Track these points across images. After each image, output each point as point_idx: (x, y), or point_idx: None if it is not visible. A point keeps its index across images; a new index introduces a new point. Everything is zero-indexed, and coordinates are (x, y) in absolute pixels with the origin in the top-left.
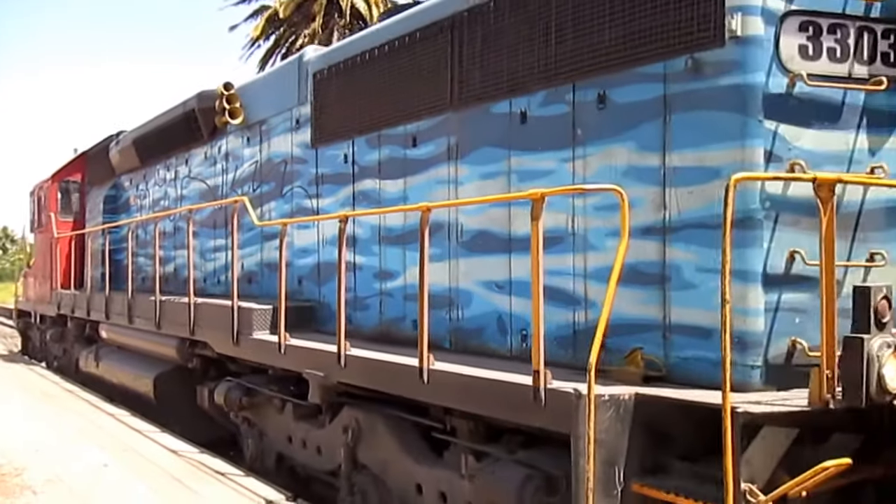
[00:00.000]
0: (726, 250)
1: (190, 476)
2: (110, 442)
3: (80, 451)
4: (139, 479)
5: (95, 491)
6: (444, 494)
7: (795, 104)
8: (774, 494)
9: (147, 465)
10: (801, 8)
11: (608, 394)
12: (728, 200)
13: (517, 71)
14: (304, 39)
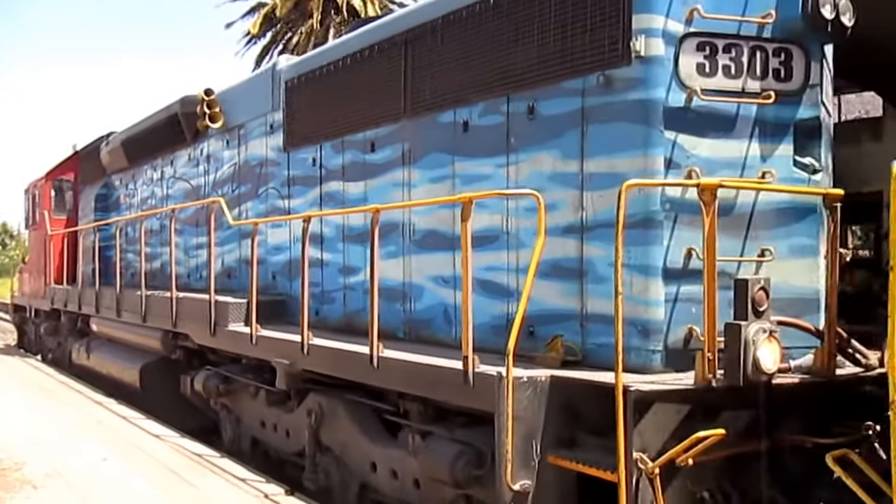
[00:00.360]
0: (618, 248)
1: (188, 469)
2: (109, 436)
3: (80, 445)
4: (138, 472)
5: (95, 485)
6: (395, 472)
7: (693, 116)
8: (660, 461)
9: (146, 458)
10: (699, 30)
11: (526, 376)
12: (620, 204)
13: (460, 84)
14: (300, 36)
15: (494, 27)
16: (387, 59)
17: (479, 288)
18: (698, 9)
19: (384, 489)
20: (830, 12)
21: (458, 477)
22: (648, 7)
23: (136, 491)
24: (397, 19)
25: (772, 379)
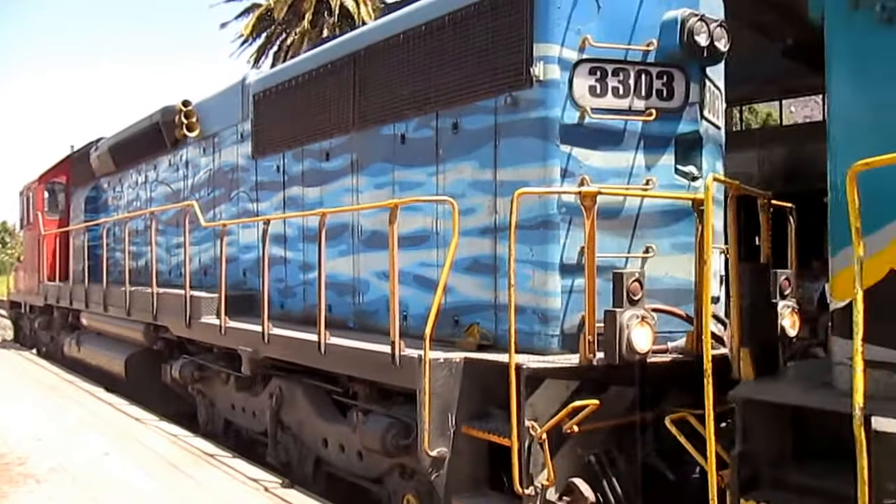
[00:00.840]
0: (511, 247)
1: (187, 462)
2: (110, 430)
3: (82, 439)
4: (139, 466)
5: (97, 478)
6: (342, 446)
7: (585, 132)
8: (545, 427)
9: (146, 452)
10: (590, 57)
11: (443, 357)
12: (513, 210)
13: (398, 101)
14: (294, 37)
15: (424, 51)
16: (339, 77)
17: (414, 282)
18: (589, 38)
19: (335, 462)
20: (705, 40)
21: (389, 447)
22: (546, 37)
23: (137, 484)
24: (347, 41)
25: (646, 358)
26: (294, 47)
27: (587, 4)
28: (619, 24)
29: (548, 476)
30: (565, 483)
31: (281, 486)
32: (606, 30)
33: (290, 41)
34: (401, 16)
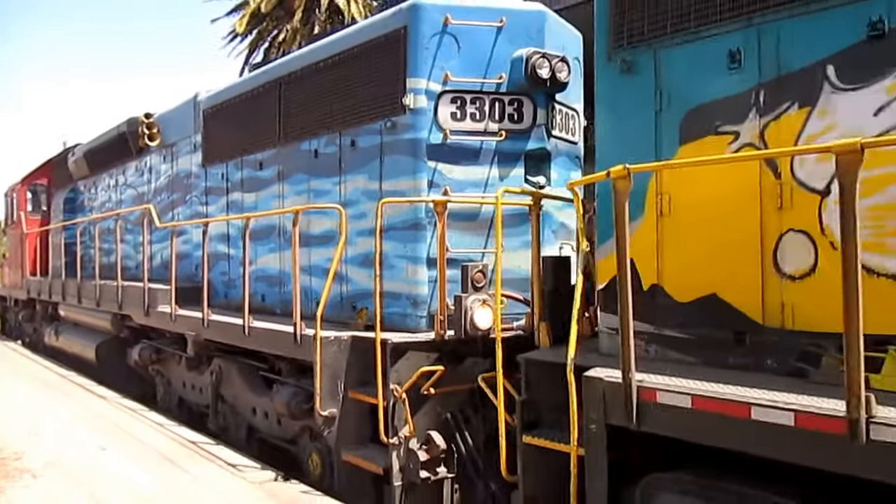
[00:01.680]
0: (377, 245)
1: (183, 457)
2: (106, 426)
3: (76, 434)
4: (134, 461)
5: (93, 473)
6: (266, 413)
7: (448, 150)
8: (403, 388)
9: (142, 447)
10: (452, 88)
11: (333, 335)
12: (378, 214)
13: (313, 121)
14: (286, 34)
15: (331, 80)
16: (269, 98)
17: (323, 274)
18: (450, 74)
19: (261, 427)
20: (547, 73)
21: (294, 411)
22: (416, 73)
23: (134, 479)
24: (276, 67)
25: (489, 334)
26: (286, 44)
27: (449, 45)
28: (475, 62)
29: (409, 429)
30: (425, 435)
31: (275, 479)
32: (465, 66)
33: (281, 37)
34: (315, 48)
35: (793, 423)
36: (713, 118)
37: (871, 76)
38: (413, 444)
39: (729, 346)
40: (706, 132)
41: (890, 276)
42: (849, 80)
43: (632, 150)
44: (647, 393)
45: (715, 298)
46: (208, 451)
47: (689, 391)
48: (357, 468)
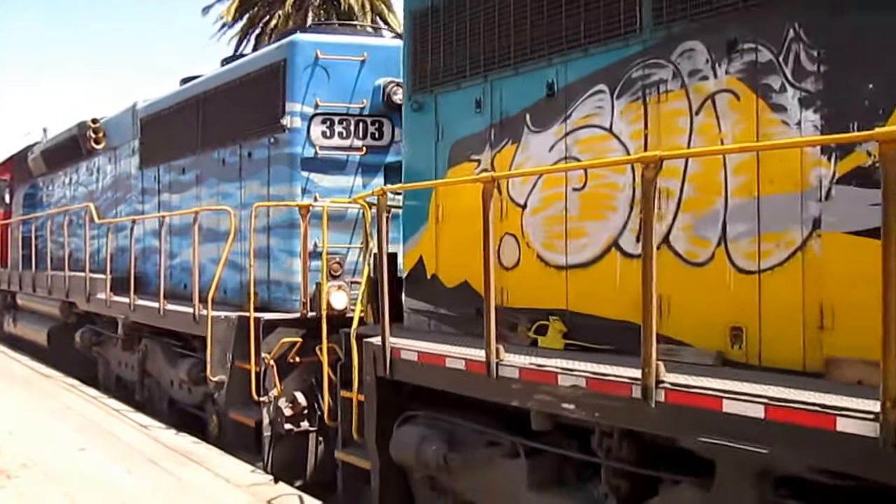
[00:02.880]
0: (251, 240)
1: (167, 458)
2: (85, 424)
3: (55, 434)
4: (116, 462)
5: (72, 475)
6: (180, 385)
7: (319, 163)
8: (271, 356)
9: (123, 447)
10: (322, 111)
11: (223, 315)
12: (253, 216)
13: (221, 133)
14: (278, 19)
15: (235, 100)
16: (191, 111)
17: (231, 264)
18: (319, 99)
19: (177, 397)
20: (401, 99)
21: (194, 378)
22: (293, 98)
23: (114, 480)
24: (197, 85)
25: (344, 314)
26: (279, 30)
27: (320, 75)
28: (342, 89)
29: (277, 390)
30: (291, 395)
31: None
32: (333, 93)
33: (273, 24)
34: (223, 72)
35: (464, 367)
36: (467, 149)
37: (547, 123)
38: (281, 403)
39: (474, 320)
40: (464, 159)
41: (553, 266)
42: (537, 125)
43: (422, 170)
44: (396, 352)
45: (466, 284)
46: (193, 453)
47: (416, 349)
48: (241, 423)
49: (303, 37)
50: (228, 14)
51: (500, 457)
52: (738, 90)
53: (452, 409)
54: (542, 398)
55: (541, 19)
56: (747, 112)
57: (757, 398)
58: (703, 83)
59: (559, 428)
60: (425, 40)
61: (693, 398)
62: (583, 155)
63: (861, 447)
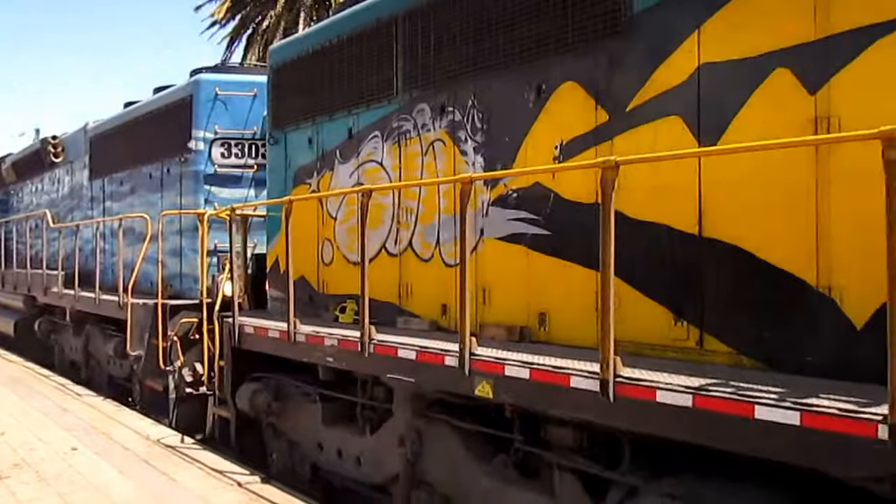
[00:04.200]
0: (160, 240)
1: (161, 459)
2: (77, 424)
3: (47, 434)
4: (109, 462)
5: (65, 475)
6: (111, 361)
7: (219, 178)
8: (174, 333)
9: (115, 446)
10: (220, 136)
11: (141, 302)
12: (160, 222)
13: (148, 152)
14: (269, 20)
15: (156, 125)
16: (128, 132)
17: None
18: (218, 127)
19: (112, 373)
20: None
21: (119, 354)
22: (197, 126)
23: (106, 479)
24: (133, 110)
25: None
26: (270, 31)
27: (219, 108)
28: (238, 119)
29: (180, 361)
30: (192, 365)
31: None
32: (230, 121)
33: (265, 24)
34: (152, 100)
35: (277, 335)
36: (304, 174)
37: (349, 157)
38: (184, 372)
39: (307, 304)
40: (302, 182)
41: (351, 263)
42: (343, 158)
43: (278, 189)
44: (242, 328)
45: (303, 278)
46: (187, 453)
47: (254, 325)
48: (153, 389)
49: (205, 76)
50: (220, 13)
51: (307, 403)
52: (445, 139)
53: (283, 371)
54: (318, 355)
55: (344, 82)
56: (449, 155)
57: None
58: (428, 133)
59: (343, 380)
60: (279, 90)
61: (387, 349)
62: (367, 181)
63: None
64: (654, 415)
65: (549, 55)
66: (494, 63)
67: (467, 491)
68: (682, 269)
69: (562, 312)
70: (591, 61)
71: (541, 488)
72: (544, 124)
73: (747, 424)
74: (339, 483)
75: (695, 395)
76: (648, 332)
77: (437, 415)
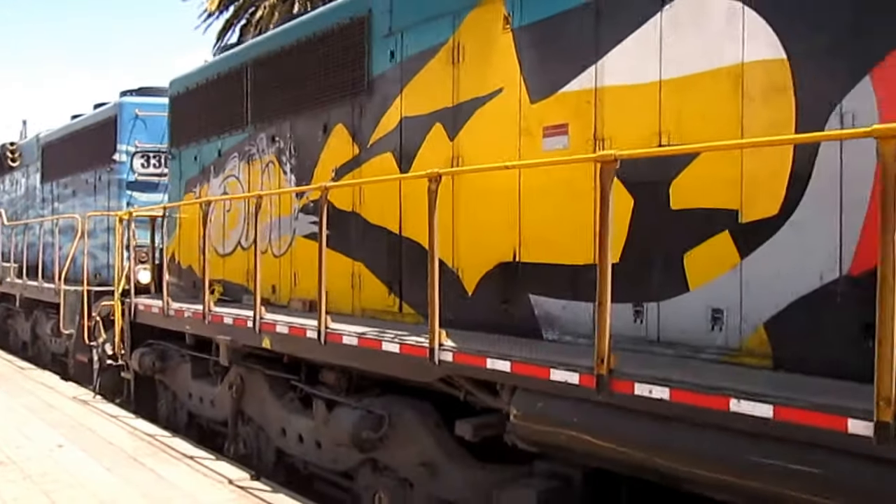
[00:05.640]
0: (86, 240)
1: (149, 456)
2: (63, 420)
3: (33, 430)
4: (95, 459)
5: (51, 472)
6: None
7: (139, 185)
8: (96, 313)
9: (102, 443)
10: (140, 149)
11: (73, 289)
12: (83, 223)
13: (82, 162)
14: (264, 10)
15: (89, 138)
16: (69, 142)
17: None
18: (138, 142)
19: (53, 350)
20: None
21: (55, 332)
22: (121, 141)
23: (93, 477)
24: (73, 123)
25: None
26: (264, 21)
27: (140, 126)
28: (155, 135)
29: (102, 338)
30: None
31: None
32: (149, 137)
33: (259, 15)
34: (87, 116)
35: (156, 311)
36: (191, 185)
37: (218, 172)
38: (106, 346)
39: (192, 288)
40: (189, 191)
41: (220, 255)
42: (215, 173)
43: (175, 196)
44: (137, 306)
45: (190, 267)
46: (175, 449)
47: (144, 303)
48: (81, 362)
49: (127, 100)
50: (212, 5)
51: (182, 363)
52: (274, 161)
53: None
54: (181, 324)
55: (217, 113)
56: (277, 173)
57: (230, 315)
58: (265, 156)
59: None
60: (174, 115)
61: (218, 318)
62: (231, 192)
63: (251, 332)
64: (343, 351)
65: (330, 104)
66: (301, 107)
67: (270, 420)
68: (394, 258)
69: (333, 289)
70: (350, 109)
71: (309, 413)
72: (327, 153)
73: (379, 355)
74: (206, 425)
75: (359, 338)
76: (377, 302)
77: (254, 365)
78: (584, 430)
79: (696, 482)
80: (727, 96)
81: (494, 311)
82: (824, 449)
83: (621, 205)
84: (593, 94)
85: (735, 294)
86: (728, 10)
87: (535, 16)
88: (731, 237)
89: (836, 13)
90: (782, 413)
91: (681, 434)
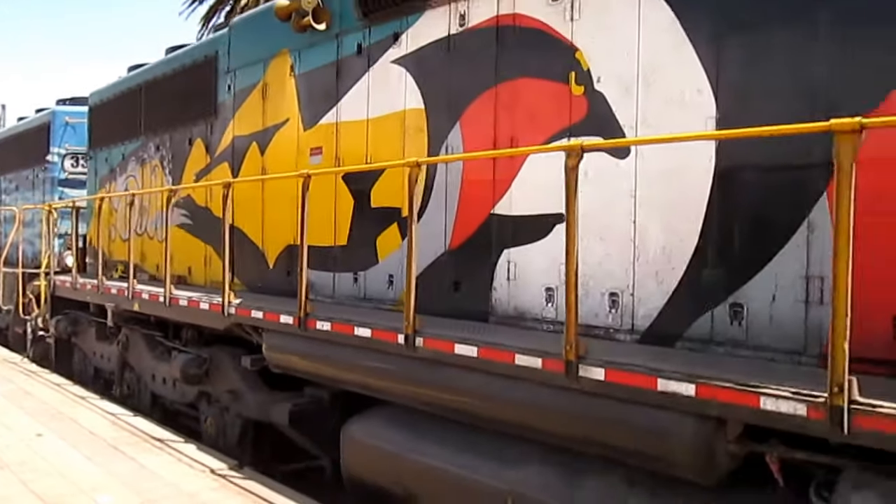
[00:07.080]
0: (20, 231)
1: (129, 444)
2: (43, 408)
3: (11, 419)
4: (75, 448)
5: (29, 462)
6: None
7: (69, 181)
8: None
9: (83, 432)
10: (70, 152)
11: (11, 271)
12: (19, 217)
13: (24, 160)
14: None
15: (27, 140)
16: (14, 142)
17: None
18: (68, 145)
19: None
20: None
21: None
22: (53, 144)
23: (75, 467)
24: (16, 126)
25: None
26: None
27: (70, 131)
28: (82, 139)
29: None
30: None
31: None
32: (77, 141)
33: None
34: (28, 120)
35: (69, 285)
36: (103, 182)
37: (122, 172)
38: (38, 320)
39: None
40: (103, 186)
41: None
42: (120, 173)
43: (91, 191)
44: (56, 282)
45: (102, 251)
46: (156, 438)
47: (61, 280)
48: (18, 333)
49: (59, 108)
50: None
51: (89, 327)
52: (158, 165)
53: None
54: (84, 295)
55: (118, 123)
56: (160, 175)
57: (116, 286)
58: (153, 161)
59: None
60: (92, 122)
61: (107, 289)
62: (131, 188)
63: (126, 299)
64: (179, 310)
65: (193, 122)
66: (175, 123)
67: (145, 368)
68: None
69: (195, 267)
70: (205, 128)
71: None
72: (191, 161)
73: (199, 312)
74: (107, 377)
75: (188, 300)
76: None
77: (135, 326)
78: (294, 353)
79: (350, 383)
80: (397, 131)
81: (283, 280)
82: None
83: (347, 205)
84: (335, 126)
85: (399, 265)
86: (398, 74)
87: (307, 66)
88: (398, 227)
89: (445, 81)
90: None
91: (338, 350)
